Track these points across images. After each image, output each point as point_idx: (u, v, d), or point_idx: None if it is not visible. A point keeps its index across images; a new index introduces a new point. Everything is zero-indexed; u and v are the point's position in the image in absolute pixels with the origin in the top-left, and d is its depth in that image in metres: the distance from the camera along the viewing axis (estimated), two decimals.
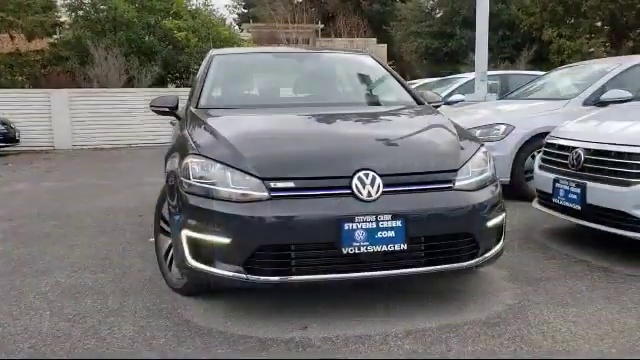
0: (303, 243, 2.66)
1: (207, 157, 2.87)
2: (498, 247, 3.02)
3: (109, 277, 3.65)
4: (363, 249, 2.64)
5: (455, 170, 2.89)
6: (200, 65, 4.40)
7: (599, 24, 22.05)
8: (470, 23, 24.19)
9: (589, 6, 20.37)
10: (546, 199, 4.24)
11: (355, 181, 2.69)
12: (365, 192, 2.67)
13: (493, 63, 18.17)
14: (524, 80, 9.20)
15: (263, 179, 2.70)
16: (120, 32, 18.15)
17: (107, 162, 11.73)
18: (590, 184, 3.76)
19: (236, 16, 43.85)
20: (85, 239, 4.69)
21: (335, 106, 3.88)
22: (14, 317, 3.00)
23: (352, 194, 2.68)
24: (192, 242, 2.80)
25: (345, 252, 2.63)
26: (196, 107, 3.73)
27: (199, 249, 2.79)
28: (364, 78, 4.43)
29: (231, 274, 2.70)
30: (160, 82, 18.34)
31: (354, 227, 2.63)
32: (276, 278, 2.67)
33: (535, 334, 2.65)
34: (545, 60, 21.52)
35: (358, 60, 4.67)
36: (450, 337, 2.62)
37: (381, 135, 3.17)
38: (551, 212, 4.21)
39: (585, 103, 6.08)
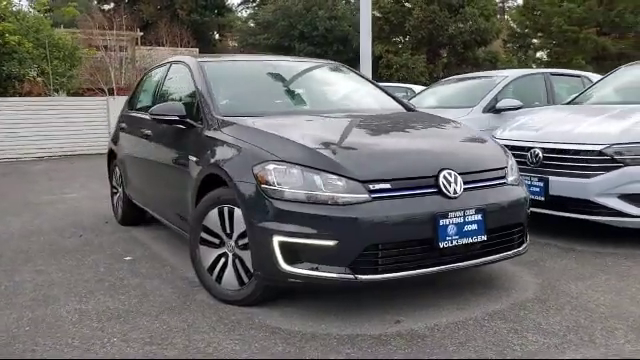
0: (405, 240, 2.81)
1: (293, 163, 2.87)
2: (528, 235, 3.45)
3: (131, 299, 3.37)
4: (455, 242, 2.87)
5: (505, 167, 3.27)
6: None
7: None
8: (307, 37, 25.40)
9: (411, 26, 22.62)
10: None
11: (441, 180, 2.91)
12: (452, 189, 2.91)
13: None
14: (398, 92, 10.01)
15: (363, 182, 2.79)
16: None
17: None
18: (552, 178, 4.41)
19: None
20: (45, 262, 4.20)
21: (354, 112, 4.04)
22: (86, 349, 2.68)
23: (440, 192, 2.90)
24: (287, 248, 2.78)
25: (441, 246, 2.84)
26: (217, 115, 3.60)
27: (297, 254, 2.78)
28: (355, 86, 4.62)
29: (337, 275, 2.74)
30: None
31: (447, 222, 2.85)
32: (383, 276, 2.78)
33: (566, 302, 3.11)
34: (374, 73, 23.36)
35: (340, 69, 4.86)
36: (523, 311, 2.97)
37: (443, 137, 3.42)
38: None
39: (484, 111, 6.93)
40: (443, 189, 2.90)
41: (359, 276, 2.73)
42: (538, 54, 37.63)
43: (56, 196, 7.63)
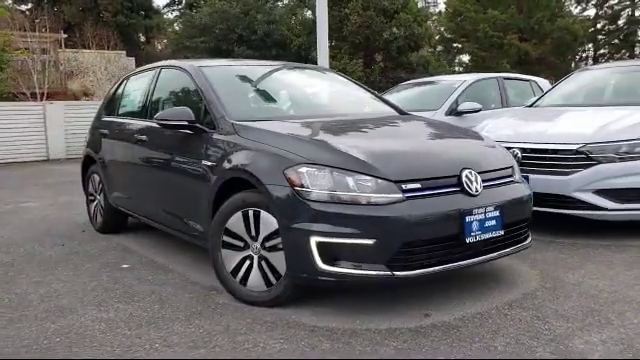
0: (436, 237, 2.96)
1: (326, 165, 2.96)
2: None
3: (151, 305, 3.33)
4: (478, 237, 3.06)
5: (512, 166, 3.49)
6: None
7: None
8: (245, 41, 25.30)
9: (349, 31, 23.03)
10: None
11: (464, 179, 3.09)
12: (474, 187, 3.10)
13: None
14: None
15: (396, 182, 2.92)
16: None
17: None
18: (532, 176, 4.70)
19: None
20: (39, 274, 4.06)
21: (363, 115, 4.19)
22: (131, 356, 2.65)
23: (462, 190, 3.08)
24: (325, 248, 2.87)
25: (467, 242, 3.01)
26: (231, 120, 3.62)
27: (334, 253, 2.87)
28: (353, 90, 4.74)
29: (375, 273, 2.86)
30: None
31: (472, 219, 3.03)
32: (417, 272, 2.91)
33: (571, 290, 3.38)
34: None
35: (335, 74, 5.00)
36: (536, 299, 3.20)
37: (455, 138, 3.60)
38: None
39: (446, 114, 7.25)
40: (466, 187, 3.08)
41: (396, 273, 2.86)
42: (463, 58, 39.27)
43: (12, 205, 7.30)
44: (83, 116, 15.46)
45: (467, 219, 3.01)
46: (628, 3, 44.45)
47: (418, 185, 2.97)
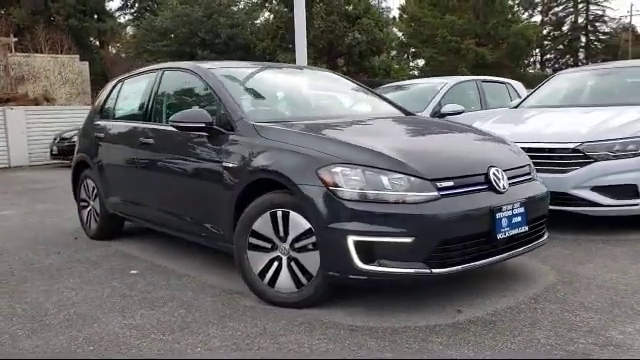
0: (471, 234, 3.01)
1: (361, 164, 2.97)
2: None
3: (176, 310, 3.27)
4: (506, 234, 3.13)
5: (529, 164, 3.59)
6: None
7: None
8: (209, 45, 25.03)
9: (313, 35, 23.11)
10: None
11: (492, 176, 3.16)
12: (501, 185, 3.17)
13: None
14: None
15: (431, 180, 2.96)
16: None
17: None
18: None
19: None
20: (45, 282, 3.92)
21: (379, 116, 4.24)
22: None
23: (491, 188, 3.14)
24: (363, 246, 2.88)
25: (498, 238, 3.08)
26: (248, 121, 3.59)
27: (372, 252, 2.88)
28: (362, 92, 4.76)
29: (413, 271, 2.89)
30: None
31: (501, 215, 3.10)
32: (452, 268, 2.95)
33: (589, 283, 3.49)
34: None
35: (339, 76, 5.06)
36: (559, 293, 3.29)
37: (477, 137, 3.67)
38: None
39: (430, 116, 7.37)
40: (494, 185, 3.14)
41: (434, 270, 2.89)
42: (419, 63, 39.99)
43: None
44: (45, 122, 15.04)
45: (497, 216, 3.07)
46: (572, 10, 46.30)
47: (451, 183, 3.02)
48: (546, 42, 45.87)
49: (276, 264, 3.24)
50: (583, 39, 46.17)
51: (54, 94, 21.91)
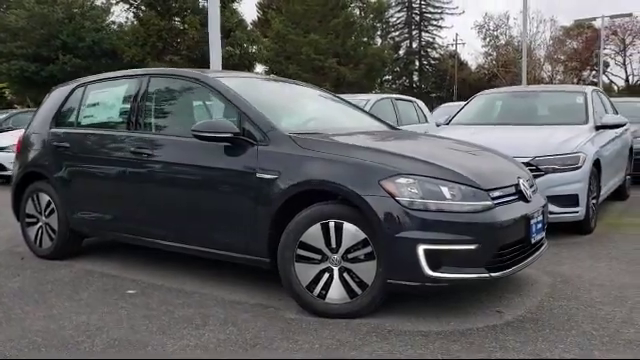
0: (517, 239, 3.28)
1: (423, 175, 3.10)
2: None
3: (226, 328, 3.12)
4: (535, 238, 3.46)
5: (532, 176, 3.96)
6: None
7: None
8: (71, 48, 23.20)
9: (186, 45, 22.64)
10: None
11: (522, 186, 3.46)
12: (529, 194, 3.48)
13: None
14: None
15: (487, 190, 3.17)
16: None
17: None
18: None
19: None
20: (35, 307, 3.49)
21: (385, 129, 4.42)
22: None
23: (522, 197, 3.44)
24: (432, 254, 3.00)
25: (532, 242, 3.38)
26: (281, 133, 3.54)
27: (440, 259, 3.02)
28: (348, 107, 4.83)
29: (476, 276, 3.07)
30: None
31: (533, 222, 3.41)
32: (504, 272, 3.18)
33: (590, 284, 3.93)
34: None
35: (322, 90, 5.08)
36: (568, 290, 3.67)
37: (490, 151, 3.93)
38: None
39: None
40: (524, 194, 3.45)
41: (492, 274, 3.10)
42: None
43: None
44: None
45: (531, 222, 3.38)
46: (407, 36, 50.52)
47: (499, 193, 3.26)
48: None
49: (326, 275, 3.23)
50: (417, 63, 50.65)
51: None
